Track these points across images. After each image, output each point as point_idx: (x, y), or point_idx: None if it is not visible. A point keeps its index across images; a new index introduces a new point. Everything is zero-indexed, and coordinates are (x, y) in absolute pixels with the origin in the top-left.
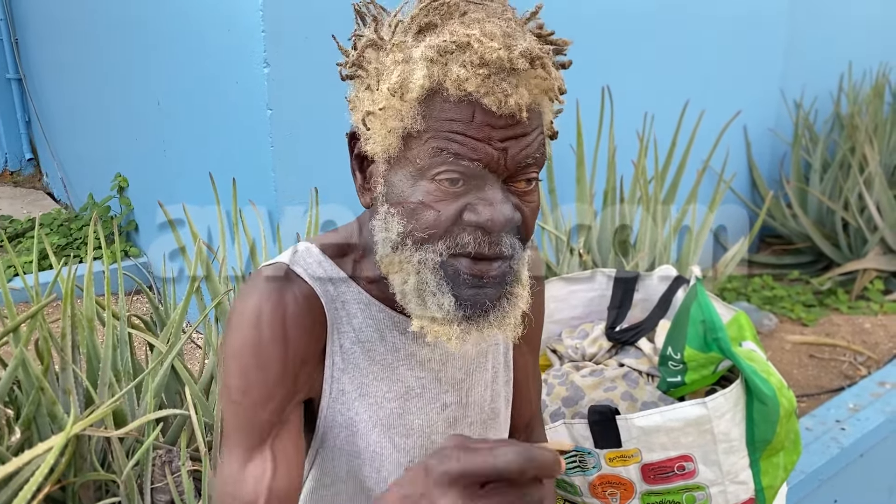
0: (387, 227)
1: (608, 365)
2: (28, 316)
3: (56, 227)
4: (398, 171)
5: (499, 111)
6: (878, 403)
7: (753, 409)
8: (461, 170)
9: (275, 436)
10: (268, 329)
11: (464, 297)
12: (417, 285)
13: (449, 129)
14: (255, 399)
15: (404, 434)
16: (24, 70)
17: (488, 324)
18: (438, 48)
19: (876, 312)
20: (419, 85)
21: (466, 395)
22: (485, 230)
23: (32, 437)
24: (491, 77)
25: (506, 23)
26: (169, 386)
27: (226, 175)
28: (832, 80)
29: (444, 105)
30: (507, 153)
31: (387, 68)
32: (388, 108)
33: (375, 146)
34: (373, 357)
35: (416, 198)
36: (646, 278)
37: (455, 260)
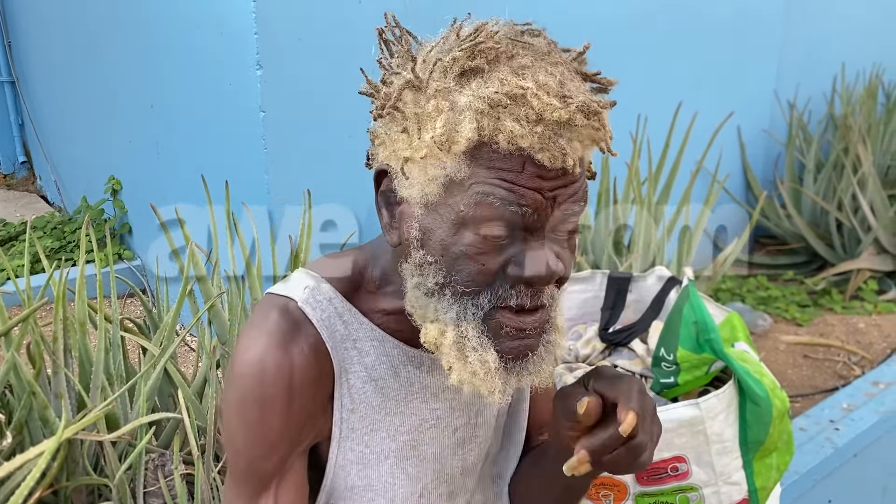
0: (422, 274)
1: None
2: (20, 320)
3: (49, 230)
4: (437, 217)
5: (551, 165)
6: (872, 403)
7: (746, 409)
8: (508, 217)
9: (278, 482)
10: (272, 385)
11: (505, 350)
12: (457, 339)
13: (497, 177)
14: (259, 452)
15: (416, 463)
16: (17, 73)
17: (528, 373)
18: (490, 100)
19: (870, 312)
20: (467, 138)
21: (476, 416)
22: (528, 284)
23: (24, 441)
24: (546, 134)
25: (557, 69)
26: (162, 389)
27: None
28: (826, 81)
29: (492, 155)
30: (556, 201)
31: (428, 115)
32: (430, 157)
33: (412, 191)
34: (386, 393)
35: (457, 249)
36: (639, 279)
37: (496, 313)
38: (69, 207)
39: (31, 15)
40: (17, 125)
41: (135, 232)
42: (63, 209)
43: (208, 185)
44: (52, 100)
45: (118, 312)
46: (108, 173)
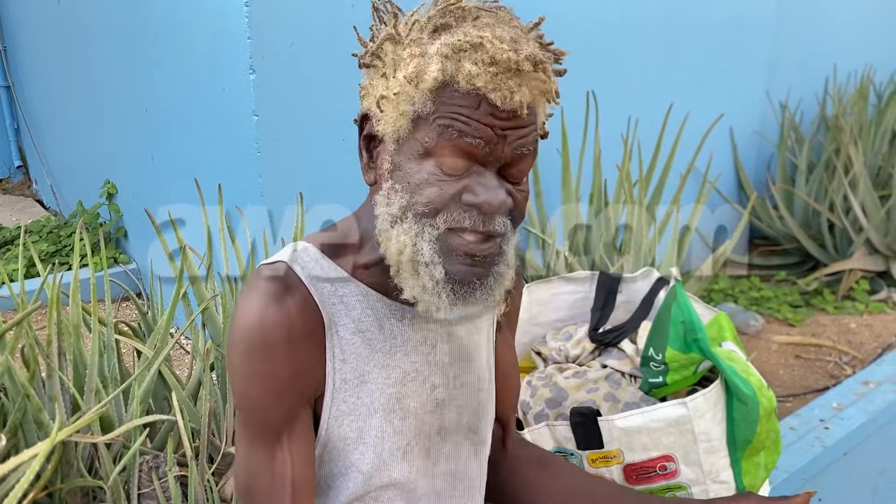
0: (389, 202)
1: (591, 366)
2: (14, 323)
3: (45, 234)
4: (405, 151)
5: (502, 105)
6: (862, 402)
7: (734, 408)
8: (464, 147)
9: (289, 432)
10: (274, 335)
11: (453, 271)
12: (413, 255)
13: (457, 112)
14: (269, 402)
15: (402, 416)
16: (12, 78)
17: (474, 300)
18: (453, 46)
19: (861, 312)
20: (433, 77)
21: (454, 379)
22: (480, 210)
23: (19, 443)
24: (499, 75)
25: (513, 29)
26: (156, 392)
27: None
28: (817, 82)
29: (453, 94)
30: (506, 140)
31: (403, 60)
32: (401, 94)
33: (387, 126)
34: (373, 345)
35: (420, 176)
36: (629, 280)
37: (450, 235)
38: (65, 211)
39: (25, 20)
40: (12, 130)
41: (130, 235)
42: (59, 213)
43: (202, 188)
44: (47, 104)
45: (112, 316)
46: (103, 177)
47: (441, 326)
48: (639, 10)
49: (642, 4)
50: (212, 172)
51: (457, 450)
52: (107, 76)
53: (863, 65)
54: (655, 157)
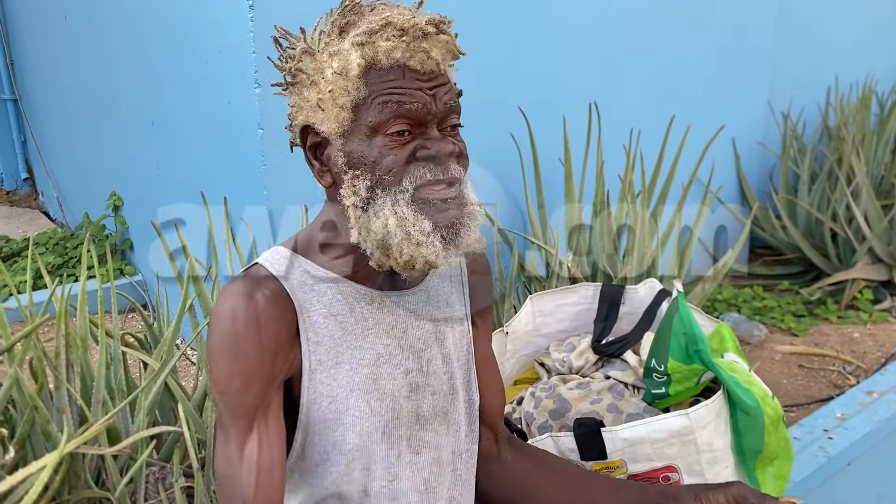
0: (356, 189)
1: (594, 377)
2: (22, 336)
3: (52, 246)
4: (354, 139)
5: (422, 68)
6: (866, 413)
7: (738, 419)
8: (405, 113)
9: (260, 417)
10: (242, 322)
11: (438, 219)
12: (398, 222)
13: (388, 87)
14: (239, 386)
15: (378, 398)
16: (19, 90)
17: (460, 239)
18: (365, 32)
19: (865, 322)
20: (357, 63)
21: (427, 365)
22: (436, 161)
23: (27, 455)
24: (411, 43)
25: (407, 9)
26: (162, 403)
27: (218, 193)
28: (819, 92)
29: (379, 73)
30: (436, 97)
31: (325, 62)
32: (335, 89)
33: (331, 124)
34: (345, 328)
35: (374, 152)
36: (631, 291)
37: (420, 191)
38: (71, 223)
39: (32, 34)
40: (19, 142)
41: (136, 247)
42: (65, 225)
43: (208, 200)
44: (53, 117)
45: (119, 328)
46: (109, 189)
47: (410, 312)
48: (641, 22)
49: (644, 16)
50: (217, 185)
51: (437, 438)
52: (113, 89)
53: (865, 75)
54: (658, 168)
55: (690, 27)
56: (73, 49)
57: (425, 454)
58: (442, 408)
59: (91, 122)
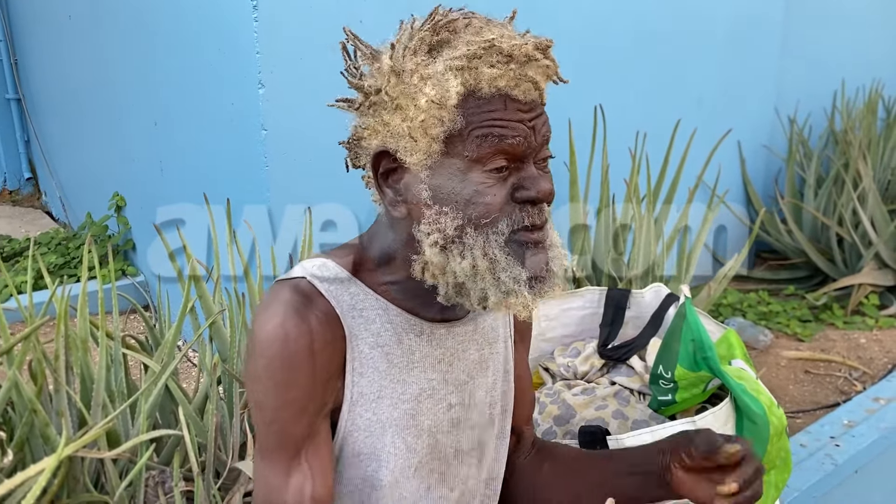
0: (439, 226)
1: (600, 383)
2: (22, 337)
3: (54, 246)
4: (443, 172)
5: (525, 98)
6: (873, 419)
7: (744, 427)
8: (506, 148)
9: (308, 447)
10: (295, 347)
11: (529, 265)
12: (489, 265)
13: (489, 118)
14: (290, 415)
15: (415, 434)
16: (23, 90)
17: (548, 287)
18: (466, 56)
19: (871, 327)
20: (456, 92)
21: (470, 398)
22: (534, 203)
23: (25, 458)
24: (517, 70)
25: (503, 27)
26: (163, 406)
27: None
28: (826, 96)
29: (478, 102)
30: (536, 130)
31: (415, 86)
32: (428, 118)
33: (418, 154)
34: (391, 360)
35: (469, 189)
36: (637, 296)
37: (516, 235)
38: (74, 224)
39: (36, 34)
40: (22, 142)
41: (138, 248)
42: (68, 225)
43: (211, 201)
44: (57, 117)
45: (120, 329)
46: (112, 190)
47: (459, 343)
48: (647, 25)
49: (650, 19)
50: (220, 186)
51: (469, 470)
52: (116, 89)
53: (871, 79)
54: (663, 172)
55: (697, 31)
56: (77, 49)
57: (458, 488)
58: (479, 440)
59: (94, 122)
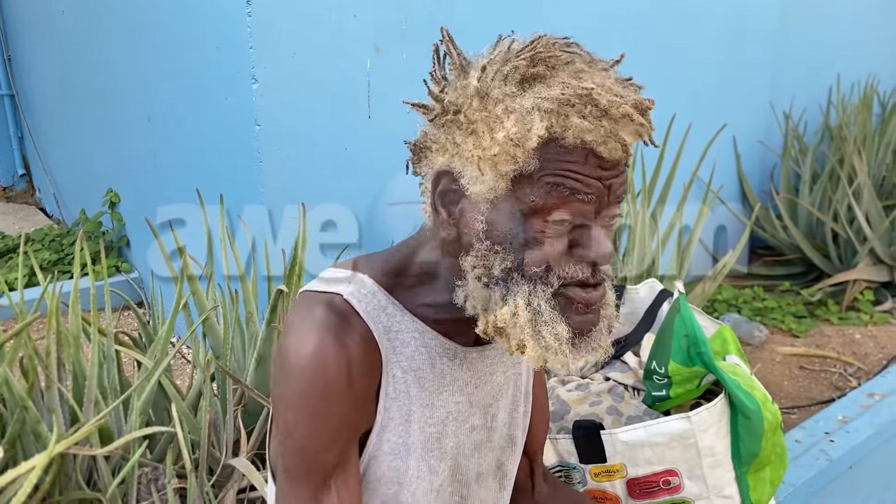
0: (487, 263)
1: (594, 379)
2: (13, 334)
3: (48, 242)
4: (503, 210)
5: (609, 156)
6: (867, 415)
7: (738, 423)
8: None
9: (339, 475)
10: (334, 374)
11: (574, 324)
12: (532, 316)
13: (565, 168)
14: (322, 444)
15: (439, 457)
16: (16, 86)
17: (592, 348)
18: (558, 100)
19: (866, 323)
20: (538, 135)
21: (492, 420)
22: (593, 265)
23: (17, 455)
24: (609, 128)
25: (606, 73)
26: (156, 403)
27: (215, 190)
28: (821, 91)
29: (559, 150)
30: (611, 189)
31: (497, 117)
32: (501, 154)
33: (482, 186)
34: (422, 384)
35: (526, 235)
36: (631, 291)
37: (565, 290)
38: (67, 220)
39: (29, 29)
40: (16, 138)
41: (132, 244)
42: (61, 222)
43: (204, 197)
44: (51, 113)
45: (113, 325)
46: (105, 186)
47: (488, 366)
48: (642, 20)
49: (646, 14)
50: (214, 182)
51: (488, 493)
52: (110, 85)
53: (866, 75)
54: (659, 167)
55: (692, 25)
56: (70, 45)
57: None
58: (499, 461)
59: (88, 119)
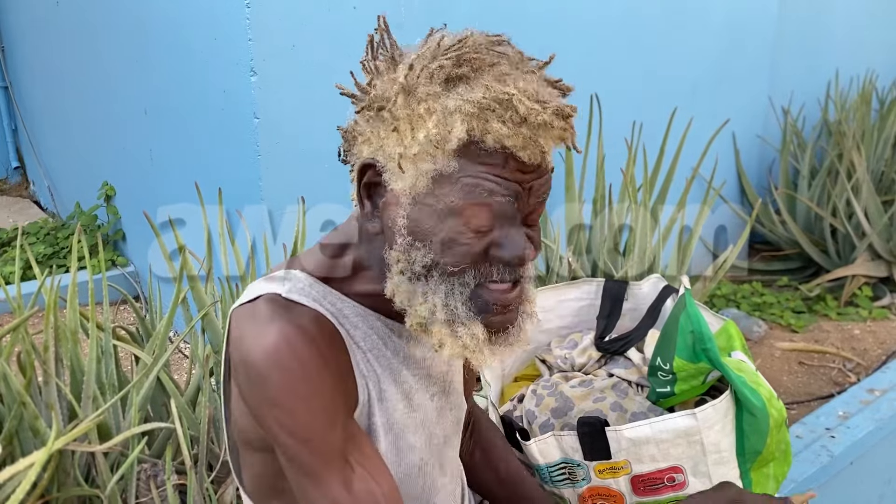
0: (409, 259)
1: (597, 375)
2: (10, 329)
3: (42, 236)
4: (424, 207)
5: (529, 161)
6: (868, 411)
7: (743, 419)
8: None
9: (353, 451)
10: (306, 356)
11: (491, 324)
12: (448, 316)
13: (485, 171)
14: (323, 426)
15: (413, 431)
16: (10, 78)
17: (510, 343)
18: (479, 104)
19: (865, 319)
20: (458, 137)
21: (449, 385)
22: (509, 265)
23: (14, 452)
24: (529, 135)
25: (531, 76)
26: (154, 398)
27: (213, 183)
28: (819, 86)
29: (479, 152)
30: (531, 191)
31: (420, 116)
32: (421, 154)
33: (403, 184)
34: (382, 363)
35: (445, 234)
36: (634, 287)
37: (481, 290)
38: (62, 213)
39: (24, 20)
40: (10, 130)
41: (128, 238)
42: (56, 215)
43: (202, 191)
44: (45, 105)
45: (110, 320)
46: (101, 179)
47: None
48: (642, 15)
49: (645, 9)
50: (212, 175)
51: (454, 451)
52: (106, 77)
53: (865, 70)
54: (659, 162)
55: (691, 20)
56: (65, 36)
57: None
58: (457, 419)
59: (83, 111)
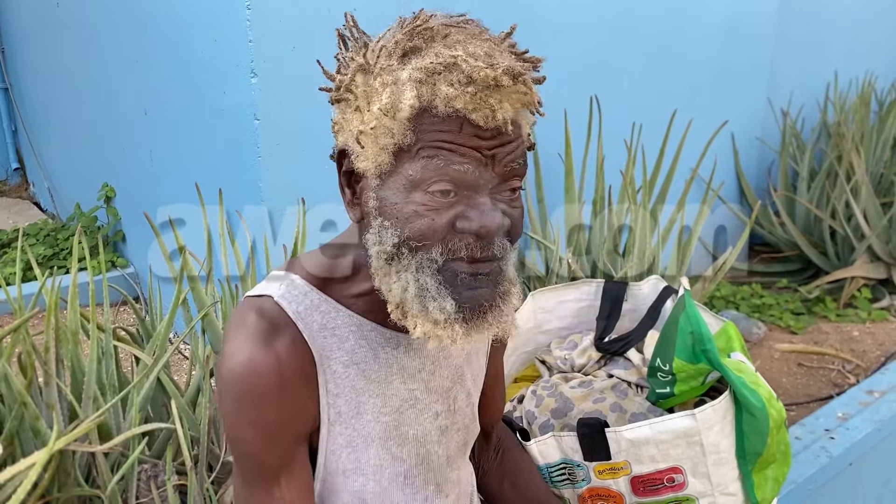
0: (381, 240)
1: (597, 376)
2: (11, 329)
3: (42, 237)
4: (390, 185)
5: (486, 125)
6: (867, 412)
7: (743, 420)
8: (452, 174)
9: (286, 473)
10: (265, 382)
11: (463, 299)
12: (418, 291)
13: (439, 139)
14: (261, 447)
15: (399, 443)
16: (10, 79)
17: (488, 324)
18: (426, 69)
19: (864, 320)
20: (409, 105)
21: (454, 403)
22: (477, 236)
23: (15, 452)
24: (478, 94)
25: (486, 43)
26: (155, 399)
27: (213, 185)
28: (819, 88)
29: (432, 120)
30: (495, 159)
31: (375, 90)
32: (379, 127)
33: (367, 163)
34: (368, 376)
35: (409, 209)
36: (634, 288)
37: (452, 264)
38: (62, 214)
39: (24, 21)
40: (10, 132)
41: (128, 239)
42: (56, 216)
43: (202, 192)
44: (45, 106)
45: (110, 321)
46: (101, 180)
47: (440, 350)
48: (641, 17)
49: (645, 11)
50: (212, 176)
51: (460, 473)
52: (106, 78)
53: (864, 72)
54: (659, 163)
55: (691, 21)
56: (65, 37)
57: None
58: (465, 441)
59: (83, 112)
